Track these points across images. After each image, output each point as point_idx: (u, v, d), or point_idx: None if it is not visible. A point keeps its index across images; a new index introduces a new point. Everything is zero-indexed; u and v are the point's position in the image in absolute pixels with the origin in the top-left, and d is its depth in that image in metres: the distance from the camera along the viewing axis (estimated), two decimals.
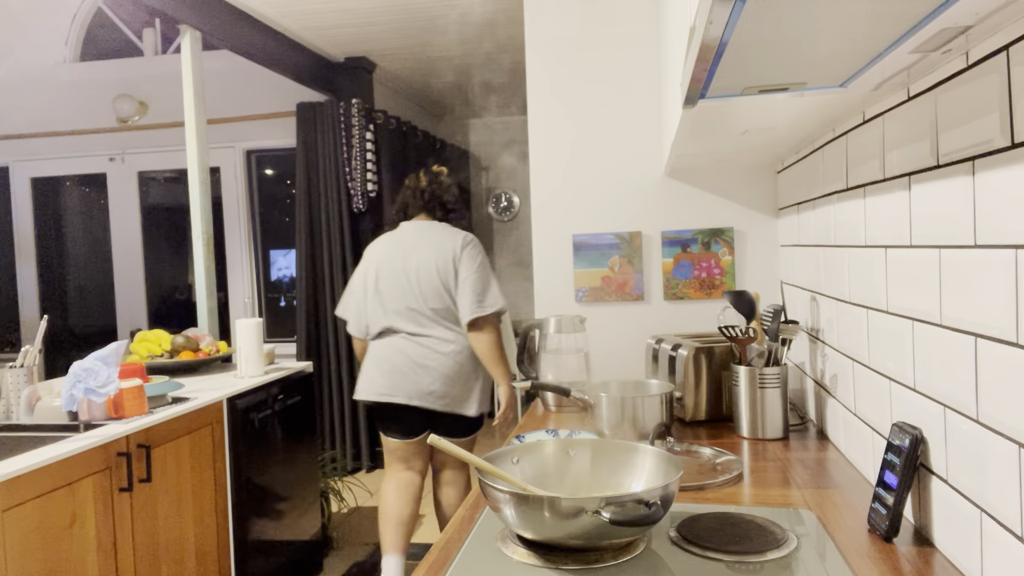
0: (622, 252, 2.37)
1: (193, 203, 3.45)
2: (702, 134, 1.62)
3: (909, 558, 1.03)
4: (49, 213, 5.65)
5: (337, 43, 4.53)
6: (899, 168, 1.16)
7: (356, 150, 4.63)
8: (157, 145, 5.31)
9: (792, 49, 0.90)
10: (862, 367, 1.38)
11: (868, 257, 1.32)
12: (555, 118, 2.41)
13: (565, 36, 2.40)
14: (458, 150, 6.57)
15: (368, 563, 3.33)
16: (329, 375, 4.76)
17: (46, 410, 2.20)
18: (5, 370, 2.29)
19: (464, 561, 1.06)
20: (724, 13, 0.74)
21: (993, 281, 0.86)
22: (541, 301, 2.44)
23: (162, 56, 5.39)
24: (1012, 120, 0.82)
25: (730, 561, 1.01)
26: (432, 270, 2.62)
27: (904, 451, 1.07)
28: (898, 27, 0.81)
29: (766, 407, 1.69)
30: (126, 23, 5.43)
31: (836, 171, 1.53)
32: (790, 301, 2.06)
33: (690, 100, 1.14)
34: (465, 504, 1.34)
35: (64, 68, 5.40)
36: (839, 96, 1.16)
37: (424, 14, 4.03)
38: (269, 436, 2.82)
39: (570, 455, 1.27)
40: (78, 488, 1.91)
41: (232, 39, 3.73)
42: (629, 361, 2.37)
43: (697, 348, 1.88)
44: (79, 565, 1.91)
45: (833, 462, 1.50)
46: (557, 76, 2.41)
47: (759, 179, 2.30)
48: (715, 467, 1.46)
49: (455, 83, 5.58)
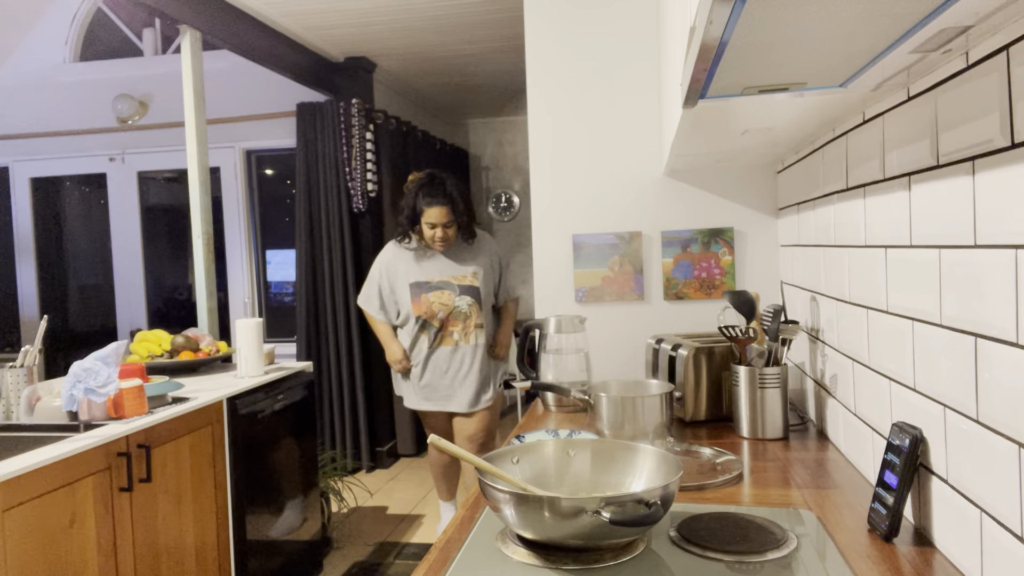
0: (622, 252, 2.37)
1: (193, 203, 3.45)
2: (702, 134, 1.62)
3: (909, 558, 1.03)
4: (49, 213, 5.65)
5: (337, 43, 4.53)
6: (899, 168, 1.16)
7: (356, 150, 4.63)
8: (157, 145, 5.31)
9: (792, 49, 0.90)
10: (862, 367, 1.38)
11: (868, 257, 1.32)
12: (555, 118, 2.41)
13: (565, 36, 2.40)
14: (458, 150, 6.57)
15: (368, 563, 3.33)
16: (329, 375, 4.76)
17: (46, 410, 2.20)
18: (5, 370, 2.29)
19: (464, 561, 1.06)
20: (724, 13, 0.74)
21: (993, 281, 0.86)
22: (541, 301, 2.44)
23: (162, 56, 5.39)
24: (1012, 120, 0.82)
25: (730, 561, 1.01)
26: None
27: (904, 451, 1.07)
28: (898, 27, 0.81)
29: (766, 407, 1.69)
30: (126, 23, 5.43)
31: (836, 171, 1.53)
32: (790, 301, 2.06)
33: (690, 100, 1.14)
34: (465, 504, 1.34)
35: (64, 68, 5.40)
36: (839, 96, 1.16)
37: (424, 14, 4.03)
38: (269, 436, 2.82)
39: (570, 455, 1.27)
40: (78, 488, 1.91)
41: (232, 39, 3.73)
42: (629, 361, 2.37)
43: (697, 348, 1.88)
44: (79, 565, 1.91)
45: (833, 462, 1.50)
46: (557, 76, 2.41)
47: (759, 179, 2.30)
48: (715, 467, 1.46)
49: (455, 83, 5.58)
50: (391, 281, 3.15)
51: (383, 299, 3.18)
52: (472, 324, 3.10)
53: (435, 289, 3.07)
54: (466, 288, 3.08)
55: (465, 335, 3.11)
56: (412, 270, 3.10)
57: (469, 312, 3.08)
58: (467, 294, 3.08)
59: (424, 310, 3.07)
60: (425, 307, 3.06)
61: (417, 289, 3.08)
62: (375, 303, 3.19)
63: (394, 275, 3.14)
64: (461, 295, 3.07)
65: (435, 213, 2.98)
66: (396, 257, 3.15)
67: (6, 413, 2.28)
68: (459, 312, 3.08)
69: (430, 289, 3.07)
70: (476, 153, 7.04)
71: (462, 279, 3.09)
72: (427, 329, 3.10)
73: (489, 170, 7.04)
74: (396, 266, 3.14)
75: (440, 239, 3.02)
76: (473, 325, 3.10)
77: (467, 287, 3.08)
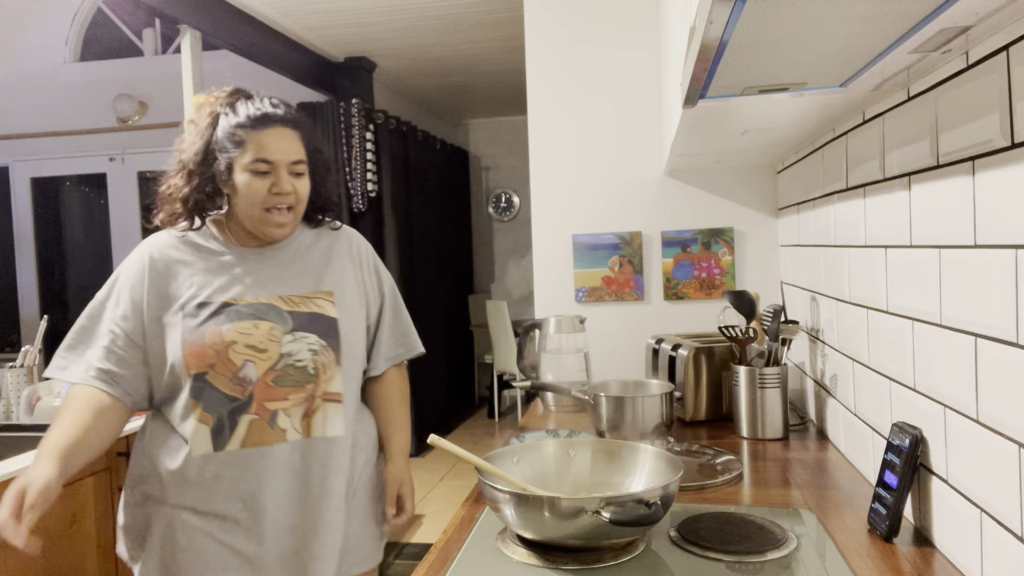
0: (622, 252, 2.37)
1: None
2: (702, 134, 1.62)
3: (909, 558, 1.03)
4: (49, 213, 5.65)
5: (337, 43, 4.53)
6: (899, 168, 1.16)
7: (356, 150, 4.63)
8: (157, 145, 5.30)
9: (792, 49, 0.90)
10: (862, 367, 1.38)
11: (868, 257, 1.32)
12: (555, 118, 2.41)
13: (565, 36, 2.40)
14: (458, 150, 6.57)
15: None
16: None
17: (46, 410, 2.20)
18: (5, 370, 2.29)
19: (464, 561, 1.06)
20: (724, 13, 0.74)
21: (993, 281, 0.86)
22: (541, 301, 2.44)
23: (162, 56, 5.39)
24: (1012, 120, 0.82)
25: (730, 561, 1.01)
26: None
27: (904, 451, 1.07)
28: (898, 27, 0.81)
29: (766, 407, 1.69)
30: (126, 23, 5.43)
31: (836, 171, 1.53)
32: (790, 301, 2.06)
33: (690, 100, 1.14)
34: (465, 504, 1.34)
35: (64, 68, 5.40)
36: (839, 96, 1.16)
37: (424, 14, 4.03)
38: None
39: (570, 455, 1.27)
40: (78, 488, 1.91)
41: (232, 39, 3.73)
42: (629, 361, 2.37)
43: (697, 348, 1.88)
44: (79, 565, 1.91)
45: (833, 462, 1.50)
46: (557, 76, 2.41)
47: (759, 179, 2.30)
48: (715, 467, 1.46)
49: (455, 83, 5.58)
50: (153, 301, 1.37)
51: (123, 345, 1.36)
52: (320, 392, 1.39)
53: (243, 317, 1.36)
54: (309, 318, 1.40)
55: (305, 420, 1.38)
56: (196, 280, 1.38)
57: (315, 367, 1.38)
58: (310, 328, 1.40)
59: (211, 358, 1.33)
60: (214, 352, 1.33)
61: (198, 319, 1.34)
62: (96, 354, 1.36)
63: (161, 290, 1.37)
64: (295, 330, 1.38)
65: (275, 142, 1.35)
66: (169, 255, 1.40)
67: (6, 413, 2.28)
68: (293, 366, 1.36)
69: (233, 317, 1.35)
70: (476, 153, 7.03)
71: (303, 300, 1.42)
72: (213, 406, 1.33)
73: (489, 170, 7.04)
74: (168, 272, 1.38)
75: (286, 200, 1.37)
76: (321, 396, 1.39)
77: (311, 316, 1.41)
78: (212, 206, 1.42)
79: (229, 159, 1.35)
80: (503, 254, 6.99)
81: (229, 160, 1.35)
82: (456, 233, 6.38)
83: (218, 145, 1.36)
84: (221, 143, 1.36)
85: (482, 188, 7.03)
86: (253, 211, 1.36)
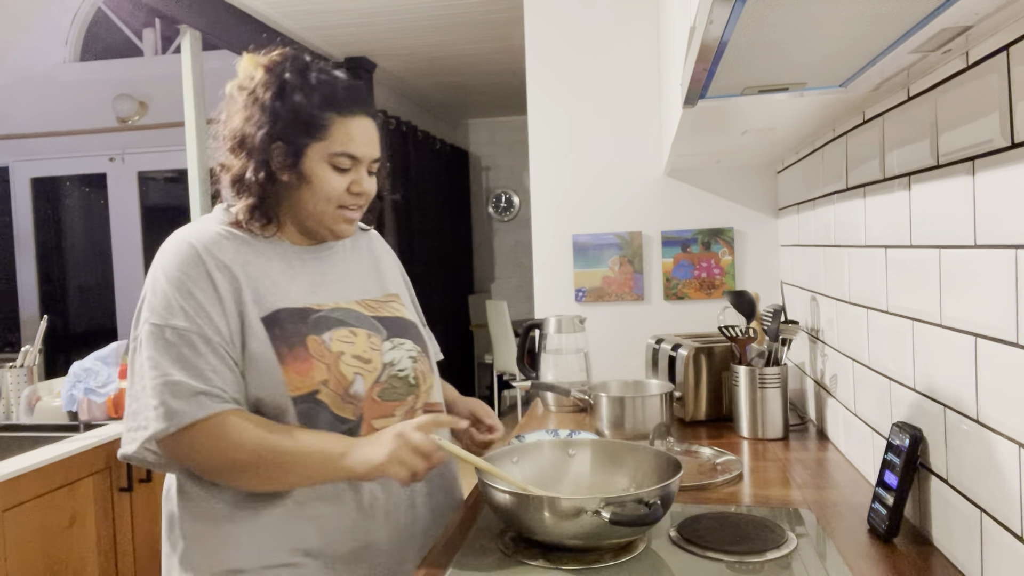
0: (622, 252, 2.37)
1: (193, 203, 3.45)
2: (702, 134, 1.62)
3: (909, 558, 1.03)
4: (49, 213, 5.65)
5: (337, 43, 4.53)
6: (899, 168, 1.16)
7: None
8: (157, 145, 5.31)
9: (792, 49, 0.90)
10: (862, 367, 1.38)
11: (868, 257, 1.32)
12: (555, 118, 2.41)
13: (565, 36, 2.39)
14: (458, 150, 6.57)
15: None
16: None
17: (46, 410, 2.20)
18: (5, 370, 2.29)
19: (464, 561, 1.06)
20: (724, 13, 0.74)
21: (993, 281, 0.86)
22: (541, 301, 2.43)
23: (162, 56, 5.38)
24: (1012, 120, 0.82)
25: (730, 561, 1.01)
26: None
27: (904, 451, 1.07)
28: (898, 27, 0.82)
29: (766, 407, 1.69)
30: (126, 23, 5.43)
31: (836, 171, 1.53)
32: (790, 301, 2.06)
33: (690, 100, 1.14)
34: (465, 504, 1.34)
35: (64, 68, 5.40)
36: (839, 96, 1.16)
37: (424, 14, 4.03)
38: None
39: (570, 455, 1.26)
40: (78, 488, 1.91)
41: (232, 39, 3.73)
42: (629, 361, 2.37)
43: (697, 348, 1.88)
44: (79, 565, 1.91)
45: (833, 462, 1.50)
46: (557, 76, 2.41)
47: (759, 179, 2.30)
48: (715, 467, 1.46)
49: (455, 83, 5.58)
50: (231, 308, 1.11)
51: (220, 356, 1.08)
52: (421, 404, 1.24)
53: (337, 325, 1.18)
54: (396, 323, 1.26)
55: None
56: (268, 283, 1.16)
57: (415, 376, 1.23)
58: (403, 334, 1.25)
59: (323, 374, 1.12)
60: (324, 367, 1.12)
61: (290, 328, 1.13)
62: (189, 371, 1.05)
63: (236, 295, 1.12)
64: (391, 336, 1.23)
65: (363, 135, 1.18)
66: (223, 255, 1.14)
67: (6, 413, 2.28)
68: (397, 376, 1.20)
69: (329, 325, 1.17)
70: (476, 153, 7.03)
71: (379, 304, 1.27)
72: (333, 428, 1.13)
73: (489, 170, 7.04)
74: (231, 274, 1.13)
75: (361, 200, 1.23)
76: (422, 408, 1.25)
77: (395, 321, 1.26)
78: (279, 186, 1.16)
79: (303, 143, 1.12)
80: (503, 254, 6.99)
81: (303, 145, 1.12)
82: (456, 233, 6.38)
83: (285, 123, 1.12)
84: (291, 122, 1.12)
85: (482, 188, 7.03)
86: (327, 207, 1.16)
